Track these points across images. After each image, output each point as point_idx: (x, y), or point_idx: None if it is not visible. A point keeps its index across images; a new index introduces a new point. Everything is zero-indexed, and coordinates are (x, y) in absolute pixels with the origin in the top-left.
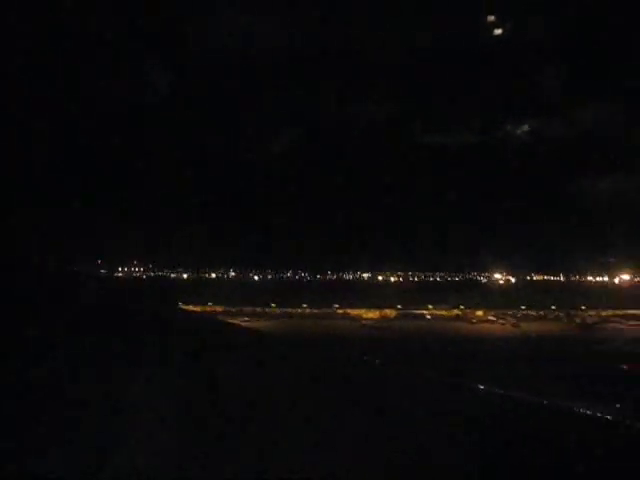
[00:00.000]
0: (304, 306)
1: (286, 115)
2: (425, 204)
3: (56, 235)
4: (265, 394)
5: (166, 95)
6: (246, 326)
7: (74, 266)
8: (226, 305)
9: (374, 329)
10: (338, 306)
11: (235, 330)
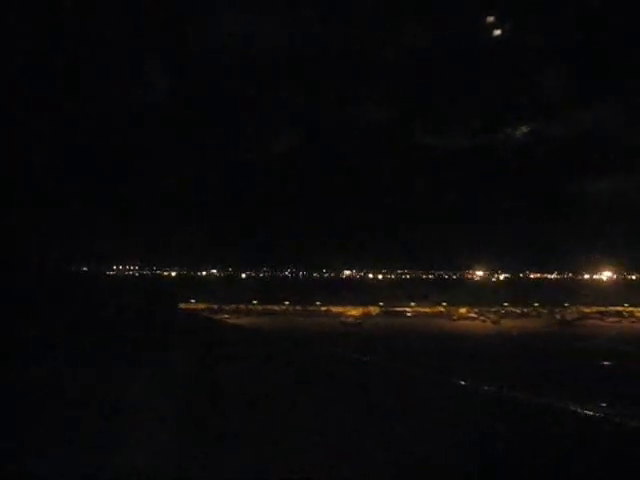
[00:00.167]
0: (286, 303)
1: (286, 115)
2: (425, 204)
3: (55, 235)
4: (264, 394)
5: (166, 95)
6: (245, 325)
7: (73, 265)
8: (209, 302)
9: (353, 326)
10: (320, 303)
11: (234, 330)
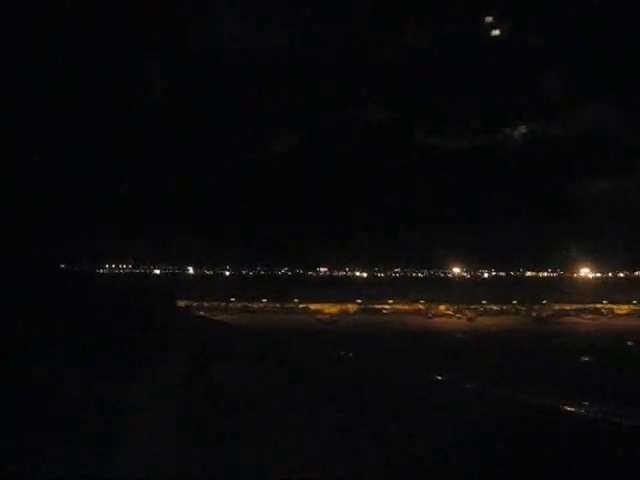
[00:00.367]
0: (264, 300)
1: (286, 115)
2: (424, 203)
3: (55, 234)
4: (263, 394)
5: (166, 95)
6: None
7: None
8: (187, 300)
9: (329, 324)
10: (298, 300)
11: (232, 329)
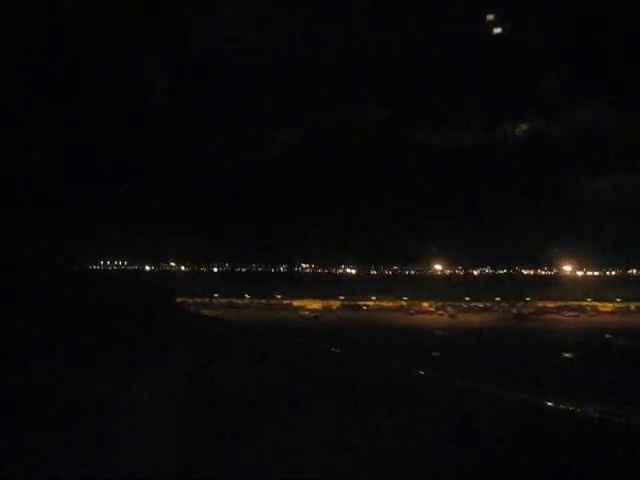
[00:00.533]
0: (246, 296)
1: (286, 115)
2: (411, 203)
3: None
4: (263, 393)
5: (166, 95)
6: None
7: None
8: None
9: (311, 319)
10: (281, 297)
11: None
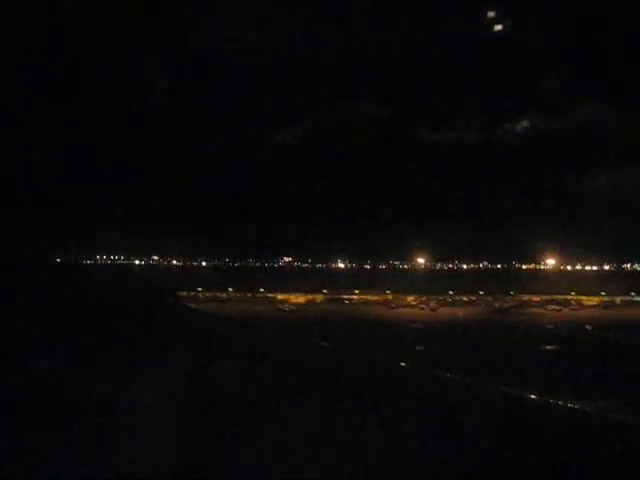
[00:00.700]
0: (230, 290)
1: (286, 115)
2: (397, 198)
3: (55, 233)
4: (263, 392)
5: (166, 95)
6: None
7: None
8: None
9: (293, 313)
10: (264, 290)
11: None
